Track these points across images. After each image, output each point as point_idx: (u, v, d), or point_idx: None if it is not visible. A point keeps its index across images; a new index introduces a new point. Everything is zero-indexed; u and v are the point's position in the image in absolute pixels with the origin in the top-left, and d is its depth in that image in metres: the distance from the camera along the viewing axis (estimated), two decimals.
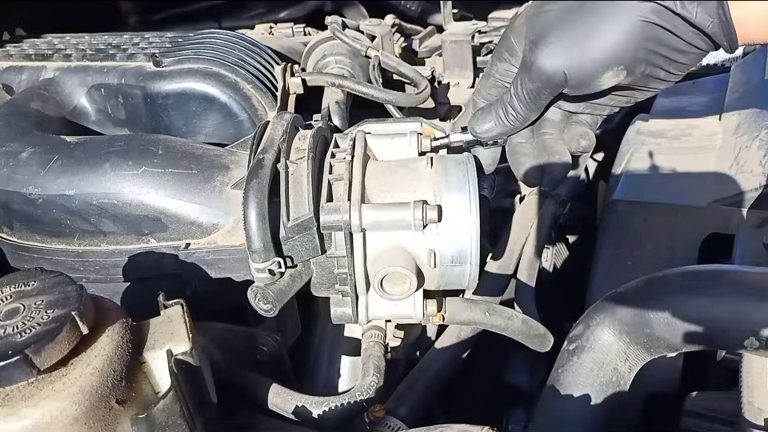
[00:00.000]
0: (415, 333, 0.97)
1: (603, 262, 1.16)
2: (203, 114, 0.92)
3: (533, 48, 0.64)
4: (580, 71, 0.63)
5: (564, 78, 0.64)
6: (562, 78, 0.64)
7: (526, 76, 0.66)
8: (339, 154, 0.74)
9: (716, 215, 1.13)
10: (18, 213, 0.79)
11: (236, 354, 0.77)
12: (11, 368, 0.45)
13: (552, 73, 0.63)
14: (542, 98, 0.67)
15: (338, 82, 1.02)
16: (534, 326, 0.84)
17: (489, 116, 0.71)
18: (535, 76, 0.65)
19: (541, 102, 0.68)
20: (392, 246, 0.69)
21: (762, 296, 0.70)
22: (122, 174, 0.76)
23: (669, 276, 0.77)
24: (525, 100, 0.67)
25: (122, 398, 0.50)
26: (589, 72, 0.63)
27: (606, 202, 1.27)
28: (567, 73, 0.63)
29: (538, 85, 0.65)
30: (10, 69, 1.04)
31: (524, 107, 0.68)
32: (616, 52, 0.61)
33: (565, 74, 0.63)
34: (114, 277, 0.77)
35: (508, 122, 0.70)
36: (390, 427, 0.73)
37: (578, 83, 0.64)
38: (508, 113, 0.69)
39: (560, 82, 0.64)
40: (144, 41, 1.07)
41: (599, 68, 0.62)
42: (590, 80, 0.64)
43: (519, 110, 0.69)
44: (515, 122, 0.70)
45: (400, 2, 1.69)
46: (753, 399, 0.75)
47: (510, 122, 0.70)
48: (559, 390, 0.76)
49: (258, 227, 0.66)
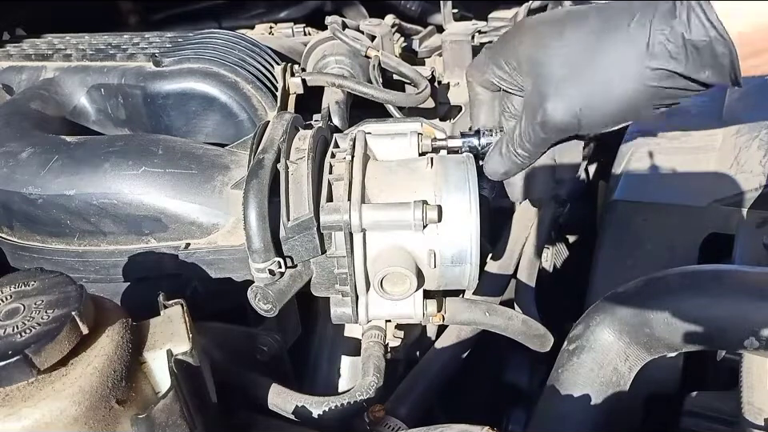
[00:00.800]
0: (415, 333, 0.97)
1: (603, 262, 1.16)
2: (203, 114, 0.92)
3: (544, 100, 0.64)
4: (591, 123, 0.64)
5: (576, 127, 0.64)
6: (575, 128, 0.64)
7: (537, 125, 0.66)
8: (339, 154, 0.74)
9: (716, 215, 1.13)
10: (18, 213, 0.79)
11: (236, 353, 0.77)
12: (11, 368, 0.45)
13: (565, 125, 0.64)
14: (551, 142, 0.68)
15: (338, 82, 1.02)
16: (534, 326, 0.84)
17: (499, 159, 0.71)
18: (548, 128, 0.65)
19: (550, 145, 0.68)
20: (392, 246, 0.69)
21: (762, 296, 0.70)
22: (121, 174, 0.76)
23: (669, 276, 0.77)
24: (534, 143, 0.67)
25: (122, 398, 0.50)
26: (600, 124, 0.64)
27: (605, 202, 1.27)
28: (579, 123, 0.64)
29: (551, 135, 0.66)
30: (9, 69, 1.04)
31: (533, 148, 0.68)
32: (625, 111, 0.62)
33: (578, 124, 0.64)
34: (114, 277, 0.77)
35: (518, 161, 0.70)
36: (390, 427, 0.73)
37: (587, 131, 0.65)
38: (518, 155, 0.69)
39: (572, 130, 0.65)
40: (144, 41, 1.07)
41: (609, 121, 0.64)
42: (600, 129, 0.65)
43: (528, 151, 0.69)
44: (525, 161, 0.70)
45: (400, 2, 1.69)
46: (753, 399, 0.75)
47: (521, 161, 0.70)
48: (559, 390, 0.76)
49: (257, 227, 0.66)
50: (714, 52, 0.56)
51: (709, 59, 0.57)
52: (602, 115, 0.63)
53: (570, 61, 0.63)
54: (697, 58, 0.57)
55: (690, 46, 0.57)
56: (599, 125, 0.64)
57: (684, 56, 0.57)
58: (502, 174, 0.72)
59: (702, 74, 0.58)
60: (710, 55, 0.56)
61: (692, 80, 0.58)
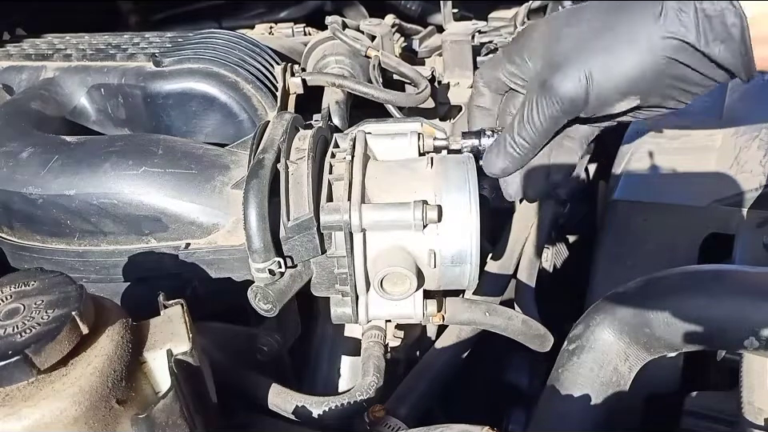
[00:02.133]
0: (415, 333, 0.97)
1: (603, 262, 1.16)
2: (203, 113, 0.92)
3: (553, 71, 0.63)
4: (599, 97, 0.63)
5: (584, 103, 0.63)
6: (582, 103, 0.63)
7: (544, 99, 0.64)
8: (339, 154, 0.74)
9: (716, 215, 1.13)
10: (18, 213, 0.79)
11: (236, 353, 0.77)
12: (11, 368, 0.45)
13: (573, 97, 0.63)
14: (559, 122, 0.66)
15: (338, 82, 1.02)
16: (534, 326, 0.84)
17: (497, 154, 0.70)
18: (555, 100, 0.64)
19: (556, 127, 0.67)
20: (392, 245, 0.69)
21: (762, 296, 0.70)
22: (122, 174, 0.76)
23: (669, 276, 0.77)
24: (539, 125, 0.66)
25: (122, 398, 0.50)
26: (607, 98, 0.63)
27: (606, 202, 1.27)
28: (585, 98, 0.63)
29: (557, 108, 0.64)
30: (9, 69, 1.04)
31: (537, 133, 0.66)
32: (636, 82, 0.61)
33: (585, 98, 0.63)
34: (114, 277, 0.77)
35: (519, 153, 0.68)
36: (390, 427, 0.73)
37: (595, 109, 0.64)
38: (517, 146, 0.68)
39: (580, 106, 0.64)
40: (144, 41, 1.07)
41: (616, 95, 0.63)
42: (606, 106, 0.64)
43: (531, 137, 0.67)
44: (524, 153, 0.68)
45: (400, 2, 1.69)
46: (753, 399, 0.75)
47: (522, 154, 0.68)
48: (559, 390, 0.76)
49: (258, 227, 0.66)
50: (725, 21, 0.56)
51: (720, 29, 0.56)
52: (611, 87, 0.62)
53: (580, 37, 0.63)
54: (708, 27, 0.57)
55: (702, 15, 0.57)
56: (608, 99, 0.63)
57: (695, 25, 0.57)
58: (501, 169, 0.70)
59: (714, 49, 0.57)
60: (720, 24, 0.56)
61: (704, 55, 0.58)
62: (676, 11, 0.58)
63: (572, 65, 0.62)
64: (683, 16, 0.57)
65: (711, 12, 0.56)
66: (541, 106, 0.65)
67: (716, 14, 0.56)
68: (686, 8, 0.57)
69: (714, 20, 0.56)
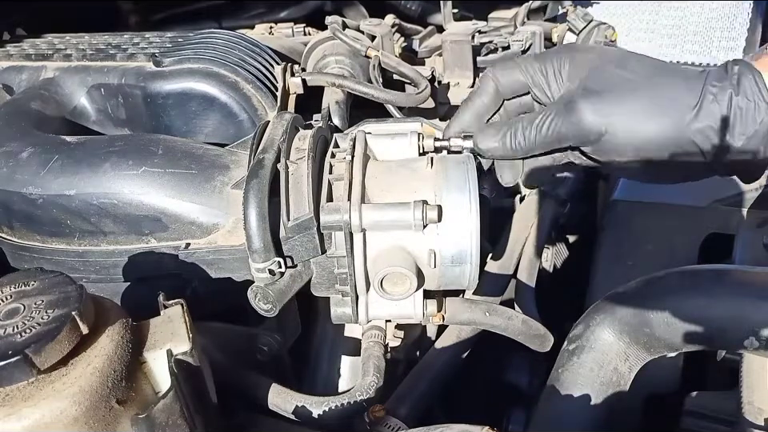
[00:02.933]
0: (415, 333, 0.97)
1: (603, 262, 1.16)
2: (203, 113, 0.92)
3: (585, 95, 0.64)
4: (613, 142, 0.63)
5: (597, 138, 0.64)
6: (596, 137, 0.64)
7: (562, 116, 0.65)
8: (339, 154, 0.74)
9: (716, 215, 1.13)
10: (18, 213, 0.79)
11: (236, 353, 0.76)
12: (11, 368, 0.45)
13: (590, 127, 0.63)
14: (563, 143, 0.66)
15: (338, 82, 1.02)
16: (534, 326, 0.84)
17: (496, 136, 0.70)
18: (573, 121, 0.64)
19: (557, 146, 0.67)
20: (392, 245, 0.69)
21: (762, 296, 0.70)
22: (122, 174, 0.76)
23: (669, 276, 0.77)
24: (544, 135, 0.66)
25: (122, 398, 0.50)
26: (619, 147, 0.64)
27: (606, 202, 1.27)
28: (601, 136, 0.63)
29: (570, 130, 0.64)
30: (9, 69, 1.04)
31: (538, 141, 0.67)
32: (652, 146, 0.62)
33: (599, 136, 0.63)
34: (114, 277, 0.77)
35: (512, 147, 0.68)
36: (390, 427, 0.73)
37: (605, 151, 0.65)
38: (516, 139, 0.68)
39: (593, 139, 0.64)
40: (144, 41, 1.07)
41: (630, 150, 0.64)
42: (614, 155, 0.65)
43: (531, 141, 0.67)
44: (519, 150, 0.68)
45: (400, 2, 1.68)
46: (753, 399, 0.75)
47: (514, 149, 0.68)
48: (559, 390, 0.76)
49: (258, 227, 0.66)
50: (755, 117, 0.58)
51: (748, 122, 0.58)
52: (628, 142, 0.63)
53: (624, 81, 0.63)
54: (739, 119, 0.59)
55: (736, 107, 0.59)
56: (619, 150, 0.64)
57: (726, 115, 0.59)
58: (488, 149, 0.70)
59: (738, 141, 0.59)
60: (750, 119, 0.58)
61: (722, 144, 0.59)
62: (713, 96, 0.59)
63: (605, 102, 0.63)
64: (717, 105, 0.59)
65: (744, 105, 0.58)
66: (556, 120, 0.65)
67: (748, 108, 0.58)
68: (721, 98, 0.59)
69: (745, 113, 0.58)
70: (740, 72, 0.60)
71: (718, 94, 0.59)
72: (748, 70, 0.60)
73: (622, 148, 0.64)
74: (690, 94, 0.61)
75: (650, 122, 0.62)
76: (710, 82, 0.60)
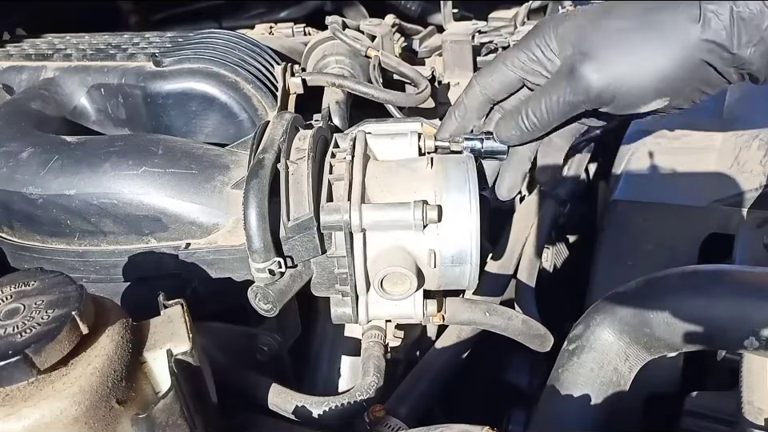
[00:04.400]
0: (415, 333, 0.97)
1: (603, 262, 1.16)
2: (203, 113, 0.92)
3: (583, 60, 0.62)
4: (630, 94, 0.62)
5: (611, 98, 0.62)
6: (610, 98, 0.62)
7: (569, 87, 0.63)
8: (339, 154, 0.74)
9: (716, 215, 1.13)
10: (18, 213, 0.79)
11: (236, 353, 0.76)
12: (11, 368, 0.45)
13: (600, 90, 0.62)
14: (578, 110, 0.65)
15: (338, 82, 1.02)
16: (534, 326, 0.84)
17: (509, 123, 0.69)
18: (581, 89, 0.62)
19: (572, 115, 0.66)
20: (392, 245, 0.69)
21: (762, 296, 0.70)
22: (122, 174, 0.76)
23: (669, 276, 0.77)
24: (556, 109, 0.65)
25: (122, 398, 0.50)
26: (638, 96, 0.62)
27: (606, 202, 1.27)
28: (615, 94, 0.62)
29: (580, 98, 0.63)
30: (10, 69, 1.04)
31: (552, 116, 0.65)
32: (669, 82, 0.61)
33: (613, 95, 0.62)
34: (114, 277, 0.77)
35: (529, 128, 0.67)
36: (390, 427, 0.73)
37: (624, 105, 0.63)
38: (531, 120, 0.67)
39: (606, 100, 0.63)
40: (144, 41, 1.07)
41: (650, 94, 0.62)
42: (637, 104, 0.63)
43: (545, 118, 0.66)
44: (536, 129, 0.68)
45: (400, 2, 1.68)
46: (753, 399, 0.75)
47: (531, 129, 0.68)
48: (559, 390, 0.76)
49: (258, 227, 0.66)
50: (759, 24, 0.57)
51: (754, 32, 0.57)
52: (641, 86, 0.61)
53: (616, 31, 0.62)
54: (743, 30, 0.57)
55: (738, 17, 0.57)
56: (639, 97, 0.62)
57: (729, 27, 0.57)
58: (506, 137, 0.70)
59: (745, 51, 0.58)
60: (754, 27, 0.57)
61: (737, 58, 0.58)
62: (713, 13, 0.58)
63: (605, 55, 0.61)
64: (719, 19, 0.58)
65: (746, 15, 0.57)
66: (564, 91, 0.63)
67: (751, 16, 0.57)
68: (722, 10, 0.58)
69: (748, 23, 0.57)
70: None
71: (717, 9, 0.58)
72: None
73: (640, 95, 0.62)
74: (688, 16, 0.59)
75: (657, 59, 0.60)
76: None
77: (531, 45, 0.67)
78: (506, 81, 0.69)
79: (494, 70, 0.70)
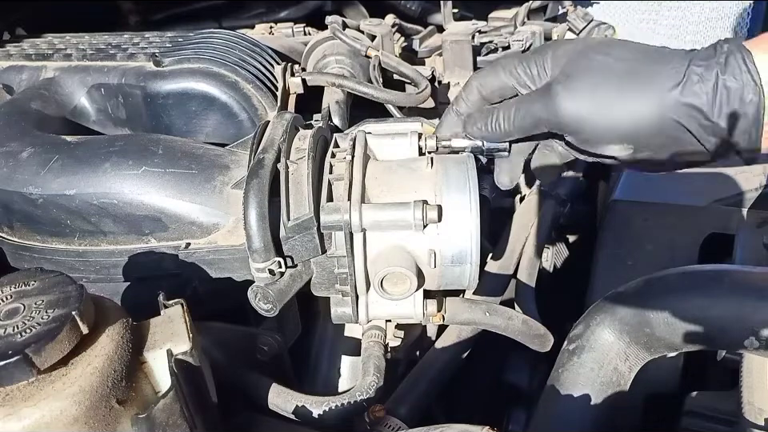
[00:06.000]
0: (415, 333, 0.97)
1: (603, 262, 1.16)
2: (203, 113, 0.92)
3: (561, 81, 0.63)
4: (593, 130, 0.62)
5: (574, 129, 0.62)
6: (573, 128, 0.62)
7: (540, 101, 0.64)
8: (339, 154, 0.74)
9: (716, 215, 1.13)
10: (19, 213, 0.79)
11: (236, 353, 0.76)
12: (11, 368, 0.45)
13: (567, 116, 0.62)
14: (539, 128, 0.65)
15: (338, 82, 1.02)
16: (534, 326, 0.84)
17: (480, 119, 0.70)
18: (549, 107, 0.63)
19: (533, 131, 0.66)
20: (392, 245, 0.69)
21: (762, 296, 0.70)
22: (122, 174, 0.76)
23: (669, 276, 0.77)
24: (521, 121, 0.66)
25: (123, 398, 0.50)
26: (600, 135, 0.62)
27: (606, 202, 1.27)
28: (580, 124, 0.62)
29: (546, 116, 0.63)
30: (10, 69, 1.04)
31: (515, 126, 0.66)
32: (635, 131, 0.60)
33: (577, 125, 0.62)
34: (115, 276, 0.77)
35: (491, 129, 0.68)
36: (390, 427, 0.73)
37: (585, 139, 0.63)
38: (497, 122, 0.68)
39: (569, 128, 0.63)
40: (144, 41, 1.07)
41: (612, 136, 0.62)
42: (598, 142, 0.63)
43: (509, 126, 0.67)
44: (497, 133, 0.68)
45: (400, 2, 1.68)
46: (753, 399, 0.75)
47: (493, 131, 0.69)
48: (559, 390, 0.76)
49: (258, 227, 0.66)
50: (743, 97, 0.56)
51: (736, 104, 0.57)
52: (605, 126, 0.61)
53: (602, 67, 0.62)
54: (725, 100, 0.57)
55: (722, 86, 0.57)
56: (602, 137, 0.62)
57: (712, 95, 0.57)
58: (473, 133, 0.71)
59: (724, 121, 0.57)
60: (738, 99, 0.56)
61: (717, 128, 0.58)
62: (698, 77, 0.57)
63: (583, 86, 0.61)
64: (703, 84, 0.57)
65: (731, 84, 0.56)
66: (533, 105, 0.64)
67: (736, 87, 0.56)
68: (707, 76, 0.57)
69: (732, 93, 0.56)
70: (728, 51, 0.58)
71: (703, 74, 0.57)
72: (737, 49, 0.57)
73: (604, 134, 0.62)
74: (673, 73, 0.59)
75: (629, 104, 0.60)
76: (695, 62, 0.58)
77: (530, 59, 0.68)
78: (501, 85, 0.70)
79: (492, 72, 0.71)
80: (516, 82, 0.68)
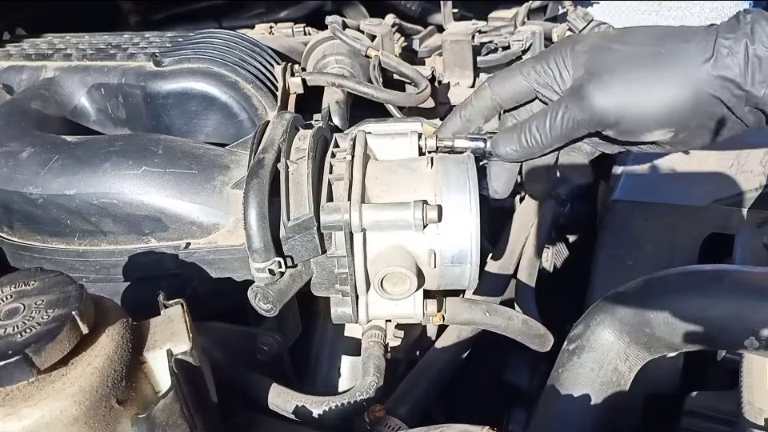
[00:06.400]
0: (415, 333, 0.97)
1: (603, 262, 1.16)
2: (203, 113, 0.92)
3: (591, 80, 0.62)
4: (632, 120, 0.61)
5: (614, 122, 0.61)
6: (612, 121, 0.61)
7: (575, 105, 0.62)
8: (339, 154, 0.74)
9: (716, 215, 1.13)
10: (19, 213, 0.79)
11: (236, 353, 0.76)
12: (11, 368, 0.45)
13: (604, 112, 0.61)
14: (580, 132, 0.64)
15: (338, 82, 1.02)
16: (534, 326, 0.84)
17: (512, 138, 0.68)
18: (585, 108, 0.62)
19: (575, 135, 0.65)
20: (392, 245, 0.69)
21: (762, 296, 0.70)
22: (122, 174, 0.76)
23: (669, 276, 0.77)
24: (560, 128, 0.64)
25: (123, 398, 0.50)
26: (641, 123, 0.61)
27: (606, 202, 1.27)
28: (619, 117, 0.61)
29: (584, 117, 0.62)
30: (10, 68, 1.04)
31: (554, 135, 0.65)
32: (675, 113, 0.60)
33: (616, 118, 0.61)
34: (115, 276, 0.77)
35: (530, 145, 0.67)
36: (390, 427, 0.73)
37: (626, 130, 0.62)
38: (533, 137, 0.66)
39: (609, 123, 0.62)
40: (144, 40, 1.07)
41: (653, 123, 0.61)
42: (639, 131, 0.62)
43: (547, 137, 0.65)
44: (538, 147, 0.67)
45: (400, 2, 1.68)
46: (753, 399, 0.75)
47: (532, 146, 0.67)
48: (559, 390, 0.76)
49: (258, 227, 0.66)
50: None
51: None
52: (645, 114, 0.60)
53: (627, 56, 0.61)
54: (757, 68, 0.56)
55: (753, 55, 0.56)
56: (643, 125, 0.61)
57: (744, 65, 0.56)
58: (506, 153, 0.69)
59: (759, 90, 0.57)
60: None
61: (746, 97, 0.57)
62: (727, 49, 0.57)
63: (612, 78, 0.60)
64: (734, 56, 0.57)
65: (762, 53, 0.56)
66: (569, 111, 0.63)
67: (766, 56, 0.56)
68: (736, 48, 0.57)
69: (764, 61, 0.56)
70: (753, 20, 0.57)
71: (732, 46, 0.57)
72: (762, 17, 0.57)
73: (643, 122, 0.61)
74: (701, 48, 0.58)
75: (663, 86, 0.59)
76: (721, 35, 0.58)
77: (549, 58, 0.67)
78: (519, 90, 0.69)
79: (509, 77, 0.70)
80: (536, 83, 0.68)
